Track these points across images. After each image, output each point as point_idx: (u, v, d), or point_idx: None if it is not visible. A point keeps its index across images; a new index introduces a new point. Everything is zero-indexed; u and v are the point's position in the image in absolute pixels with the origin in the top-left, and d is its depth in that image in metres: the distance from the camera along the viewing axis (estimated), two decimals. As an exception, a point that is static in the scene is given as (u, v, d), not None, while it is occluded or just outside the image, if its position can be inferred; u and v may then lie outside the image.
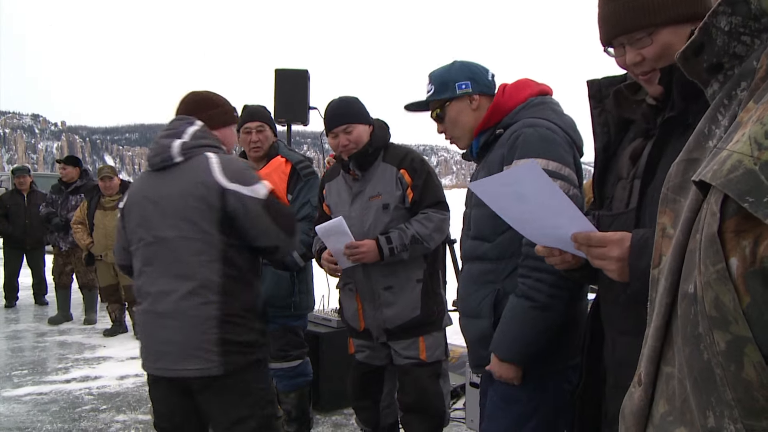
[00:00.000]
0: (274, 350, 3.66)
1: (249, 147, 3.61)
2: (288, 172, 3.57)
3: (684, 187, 0.88)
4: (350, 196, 3.06)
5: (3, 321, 8.02)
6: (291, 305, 3.57)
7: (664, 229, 0.91)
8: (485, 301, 2.16)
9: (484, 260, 2.18)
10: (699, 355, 0.78)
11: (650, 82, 1.47)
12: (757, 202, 0.68)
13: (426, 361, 3.02)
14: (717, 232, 0.74)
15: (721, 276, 0.73)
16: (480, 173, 2.23)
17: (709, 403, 0.77)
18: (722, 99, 0.86)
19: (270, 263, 3.46)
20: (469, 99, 2.24)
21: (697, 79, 0.91)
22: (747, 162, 0.70)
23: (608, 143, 1.67)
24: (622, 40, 1.47)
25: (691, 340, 0.79)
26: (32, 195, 8.67)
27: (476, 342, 2.24)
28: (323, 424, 4.31)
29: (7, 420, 4.48)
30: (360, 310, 3.07)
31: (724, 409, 0.75)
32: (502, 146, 2.12)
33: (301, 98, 5.34)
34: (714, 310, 0.74)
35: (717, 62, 0.86)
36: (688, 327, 0.80)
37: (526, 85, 2.24)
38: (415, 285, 2.99)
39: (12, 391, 5.15)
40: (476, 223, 2.21)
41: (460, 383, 4.58)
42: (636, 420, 0.94)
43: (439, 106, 2.26)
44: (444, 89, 2.25)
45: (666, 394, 0.88)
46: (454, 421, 4.32)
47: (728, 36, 0.84)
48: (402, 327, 2.99)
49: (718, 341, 0.74)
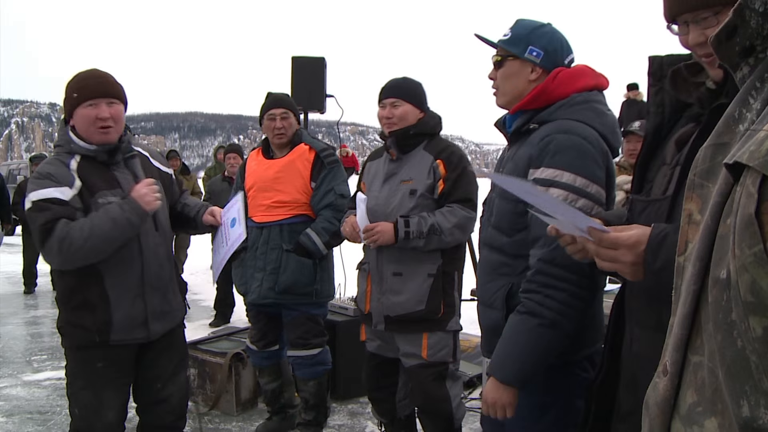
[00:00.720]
0: (294, 338, 3.67)
1: (273, 133, 3.62)
2: (312, 160, 3.59)
3: (713, 172, 0.86)
4: (384, 176, 3.05)
5: (22, 307, 8.10)
6: (313, 293, 3.58)
7: (691, 215, 0.89)
8: (499, 292, 2.11)
9: (501, 253, 2.12)
10: (732, 342, 0.76)
11: (712, 64, 1.39)
12: None
13: (427, 360, 2.96)
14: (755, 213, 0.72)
15: (758, 259, 0.71)
16: (507, 164, 2.13)
17: (743, 392, 0.75)
18: (754, 82, 0.84)
19: (293, 250, 3.48)
20: (531, 66, 2.10)
21: (728, 63, 0.89)
22: None
23: (660, 125, 1.59)
24: (687, 17, 1.38)
25: (723, 327, 0.77)
26: None
27: (489, 330, 2.19)
28: (339, 413, 4.32)
29: (28, 404, 4.54)
30: (368, 292, 3.06)
31: (760, 398, 0.73)
32: (532, 146, 2.00)
33: (318, 86, 5.33)
34: (750, 295, 0.72)
35: (750, 45, 0.84)
36: (720, 314, 0.78)
37: (582, 74, 2.09)
38: (426, 279, 2.93)
39: (32, 375, 5.22)
40: (498, 212, 2.14)
41: (476, 373, 4.58)
42: (661, 410, 0.92)
43: (504, 55, 2.12)
44: (517, 43, 2.10)
45: (694, 384, 0.86)
46: (470, 411, 4.31)
47: (762, 17, 0.82)
48: (403, 318, 2.94)
49: (754, 327, 0.72)
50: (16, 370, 5.37)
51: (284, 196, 3.56)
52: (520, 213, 2.00)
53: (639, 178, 1.62)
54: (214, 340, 4.75)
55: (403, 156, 3.02)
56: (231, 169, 6.75)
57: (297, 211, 3.57)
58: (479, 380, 4.43)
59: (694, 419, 0.85)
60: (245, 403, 4.38)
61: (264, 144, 3.78)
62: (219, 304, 6.94)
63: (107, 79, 2.55)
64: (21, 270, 9.03)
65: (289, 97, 3.82)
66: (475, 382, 4.62)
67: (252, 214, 3.63)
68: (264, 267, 3.57)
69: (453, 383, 3.06)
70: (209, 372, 4.37)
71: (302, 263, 3.52)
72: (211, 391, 4.33)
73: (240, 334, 4.78)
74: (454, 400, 3.05)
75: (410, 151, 3.02)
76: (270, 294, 3.56)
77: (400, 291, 2.94)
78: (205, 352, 4.46)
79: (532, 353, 1.91)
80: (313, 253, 3.48)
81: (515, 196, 1.81)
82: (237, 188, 3.78)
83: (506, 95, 2.14)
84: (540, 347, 1.90)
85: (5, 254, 10.94)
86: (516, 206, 2.00)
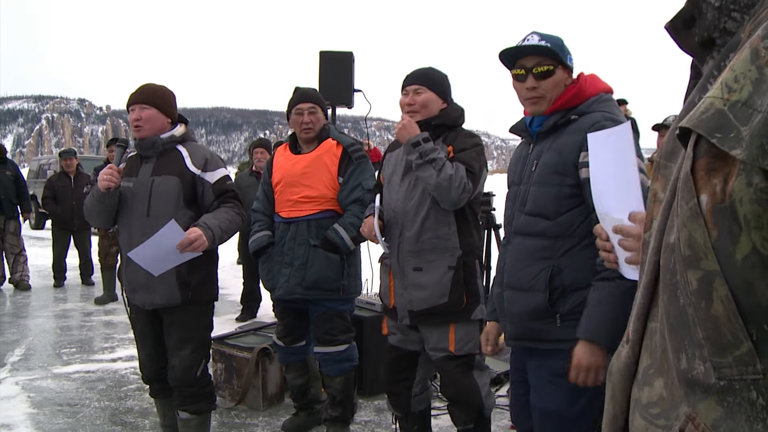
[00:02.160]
0: (321, 334, 3.65)
1: (300, 128, 3.60)
2: (339, 155, 3.57)
3: (674, 153, 0.89)
4: (402, 171, 3.02)
5: (52, 300, 8.21)
6: (340, 288, 3.55)
7: (656, 194, 0.93)
8: (540, 275, 2.19)
9: (542, 237, 2.20)
10: (676, 300, 0.79)
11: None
12: (724, 138, 0.71)
13: (455, 353, 2.96)
14: (690, 170, 0.76)
15: (693, 212, 0.75)
16: (545, 153, 2.22)
17: (682, 346, 0.79)
18: (712, 70, 0.87)
19: (320, 246, 3.47)
20: (569, 72, 2.27)
21: (692, 52, 0.92)
22: (717, 103, 0.73)
23: None
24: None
25: (669, 287, 0.81)
26: (79, 177, 8.86)
27: (525, 315, 2.25)
28: (366, 408, 4.31)
29: (58, 396, 4.59)
30: (391, 287, 3.05)
31: (696, 350, 0.76)
32: (580, 133, 2.11)
33: (345, 81, 5.30)
34: (687, 249, 0.76)
35: (708, 37, 0.88)
36: (668, 275, 0.82)
37: (599, 79, 2.29)
38: (447, 271, 2.92)
39: (61, 368, 5.28)
40: (535, 199, 2.22)
41: (504, 370, 4.54)
42: (622, 377, 0.95)
43: (553, 65, 2.23)
44: (562, 52, 2.24)
45: (649, 348, 0.89)
46: (497, 408, 4.28)
47: (718, 11, 0.86)
48: (428, 312, 2.94)
49: (690, 281, 0.76)
50: (45, 362, 5.44)
51: (311, 192, 3.54)
52: (564, 196, 2.16)
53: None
54: (240, 335, 4.76)
55: None
56: (258, 164, 6.75)
57: (324, 206, 3.55)
58: (507, 377, 4.39)
59: (646, 380, 0.88)
60: (272, 398, 4.38)
61: (291, 139, 3.77)
62: (245, 298, 6.97)
63: (144, 89, 3.17)
64: (51, 264, 9.15)
65: (316, 91, 3.80)
66: (502, 379, 4.58)
67: (279, 210, 3.63)
68: (291, 262, 3.55)
69: (480, 373, 3.07)
70: (236, 367, 4.37)
71: (329, 259, 3.50)
72: (238, 386, 4.34)
73: (267, 329, 4.78)
74: (483, 389, 3.06)
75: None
76: (297, 290, 3.54)
77: (422, 285, 2.93)
78: (232, 347, 4.46)
79: (627, 314, 2.01)
80: (341, 248, 3.46)
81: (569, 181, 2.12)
82: (264, 183, 3.78)
83: (551, 101, 2.25)
84: (628, 308, 2.01)
85: (36, 248, 11.12)
86: (561, 190, 2.16)
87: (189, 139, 3.26)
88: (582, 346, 2.06)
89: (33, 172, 17.96)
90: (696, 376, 0.77)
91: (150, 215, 3.05)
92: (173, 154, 3.16)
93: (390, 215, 2.98)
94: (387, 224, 3.00)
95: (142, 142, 3.13)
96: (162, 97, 3.17)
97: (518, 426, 2.50)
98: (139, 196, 3.08)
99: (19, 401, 4.47)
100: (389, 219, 3.00)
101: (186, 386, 3.22)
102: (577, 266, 2.16)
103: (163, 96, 3.19)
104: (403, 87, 3.03)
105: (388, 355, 3.24)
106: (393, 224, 2.97)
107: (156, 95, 3.16)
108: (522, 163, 2.34)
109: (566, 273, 2.17)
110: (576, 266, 2.16)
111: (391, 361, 3.23)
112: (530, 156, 2.30)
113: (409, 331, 3.09)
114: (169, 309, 3.14)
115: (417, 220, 2.91)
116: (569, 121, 2.20)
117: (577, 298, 2.15)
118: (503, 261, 2.37)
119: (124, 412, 4.29)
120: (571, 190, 2.14)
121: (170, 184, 3.08)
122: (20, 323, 6.83)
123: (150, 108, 3.12)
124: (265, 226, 3.70)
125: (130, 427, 4.05)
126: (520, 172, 2.32)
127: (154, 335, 3.26)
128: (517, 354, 2.44)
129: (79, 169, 8.99)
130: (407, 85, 3.01)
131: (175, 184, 3.08)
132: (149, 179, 3.09)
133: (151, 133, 3.12)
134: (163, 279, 3.05)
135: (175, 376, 3.20)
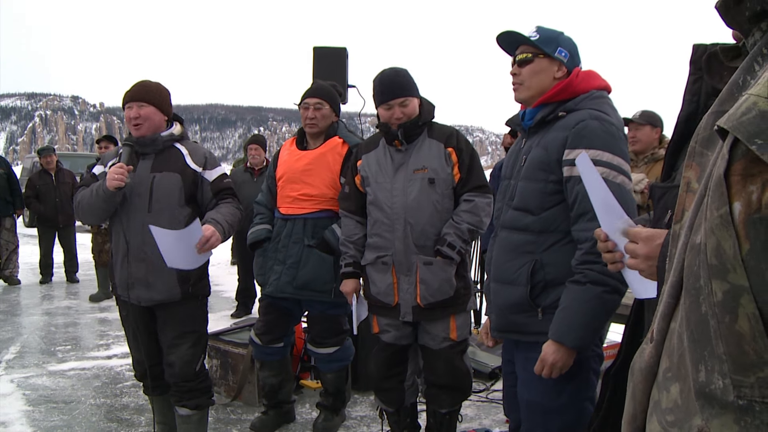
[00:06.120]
0: (312, 335, 3.68)
1: (305, 123, 3.58)
2: (344, 154, 3.53)
3: (712, 140, 0.83)
4: (393, 168, 3.04)
5: (47, 297, 8.20)
6: (332, 291, 3.49)
7: (689, 183, 0.87)
8: (523, 269, 2.24)
9: (526, 231, 2.25)
10: (697, 307, 0.75)
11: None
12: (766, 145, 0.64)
13: (456, 340, 3.08)
14: (723, 174, 0.70)
15: (723, 220, 0.70)
16: (534, 149, 2.26)
17: (702, 358, 0.75)
18: (761, 48, 0.81)
19: (315, 246, 3.46)
20: (558, 65, 2.27)
21: (738, 28, 0.87)
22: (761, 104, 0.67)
23: (692, 114, 1.55)
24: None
25: (691, 292, 0.77)
26: (59, 173, 8.88)
27: (507, 308, 2.31)
28: (362, 404, 4.33)
29: (54, 393, 4.59)
30: (395, 285, 3.04)
31: (716, 364, 0.72)
32: (565, 130, 2.16)
33: (339, 76, 5.28)
34: (714, 258, 0.71)
35: (761, 9, 0.81)
36: (691, 278, 0.77)
37: (596, 76, 2.31)
38: (452, 265, 3.00)
39: (57, 365, 5.27)
40: (522, 195, 2.27)
41: (498, 365, 4.55)
42: (644, 377, 0.92)
43: (532, 53, 2.27)
44: (548, 43, 2.26)
45: (668, 349, 0.85)
46: (493, 402, 4.30)
47: None
48: (434, 305, 2.99)
49: (715, 291, 0.71)
50: (40, 360, 5.43)
51: (311, 190, 3.51)
52: (549, 192, 2.20)
53: (668, 166, 1.61)
54: (236, 331, 4.76)
55: (408, 145, 3.03)
56: (252, 160, 6.75)
57: (323, 205, 3.51)
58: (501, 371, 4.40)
59: (664, 385, 0.84)
60: (267, 394, 4.38)
61: (299, 134, 3.73)
62: (240, 295, 6.97)
63: (141, 86, 3.17)
64: (38, 261, 9.16)
65: (329, 87, 3.70)
66: (497, 373, 4.60)
67: (279, 205, 3.62)
68: (284, 260, 3.54)
69: (466, 355, 3.23)
70: (231, 363, 4.38)
71: (323, 260, 3.47)
72: (234, 382, 4.35)
73: (261, 326, 4.78)
74: (470, 370, 3.23)
75: (415, 139, 3.04)
76: (287, 288, 3.53)
77: (433, 279, 2.97)
78: (227, 343, 4.47)
79: (597, 318, 2.12)
80: (336, 249, 3.39)
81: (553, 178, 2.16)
82: (269, 176, 3.77)
83: (530, 90, 2.29)
84: (604, 312, 2.11)
85: (29, 246, 11.08)
86: (545, 186, 2.20)
87: (185, 138, 3.28)
88: (550, 344, 2.14)
89: (26, 169, 17.91)
90: (714, 391, 0.73)
91: (151, 211, 3.06)
92: (172, 152, 3.17)
93: (391, 212, 3.00)
94: (389, 220, 3.01)
95: (143, 140, 3.12)
96: (159, 95, 3.18)
97: (510, 416, 2.54)
98: (139, 192, 3.07)
99: (14, 399, 4.47)
100: (390, 216, 3.01)
101: (185, 381, 3.21)
102: (560, 261, 2.20)
103: (160, 93, 3.19)
104: (383, 101, 3.02)
105: (382, 353, 3.25)
106: (396, 220, 2.99)
107: (153, 93, 3.17)
108: (515, 158, 2.37)
109: (549, 268, 2.21)
110: (559, 261, 2.20)
111: (385, 359, 3.25)
112: (522, 151, 2.34)
113: (403, 327, 3.12)
114: (165, 305, 3.13)
115: (420, 214, 2.96)
116: (558, 117, 2.23)
117: (559, 292, 2.19)
118: (491, 254, 2.41)
119: (119, 409, 4.30)
120: (555, 187, 2.19)
121: (172, 180, 3.09)
122: (15, 321, 6.82)
123: (148, 106, 3.12)
124: (265, 219, 3.70)
125: (125, 423, 4.05)
126: (512, 167, 2.36)
127: (148, 332, 3.24)
128: (506, 346, 2.50)
129: (59, 165, 8.99)
130: (389, 99, 3.00)
131: (177, 181, 3.09)
132: (149, 175, 3.09)
133: (150, 131, 3.13)
134: (162, 275, 3.05)
135: (175, 372, 3.20)
